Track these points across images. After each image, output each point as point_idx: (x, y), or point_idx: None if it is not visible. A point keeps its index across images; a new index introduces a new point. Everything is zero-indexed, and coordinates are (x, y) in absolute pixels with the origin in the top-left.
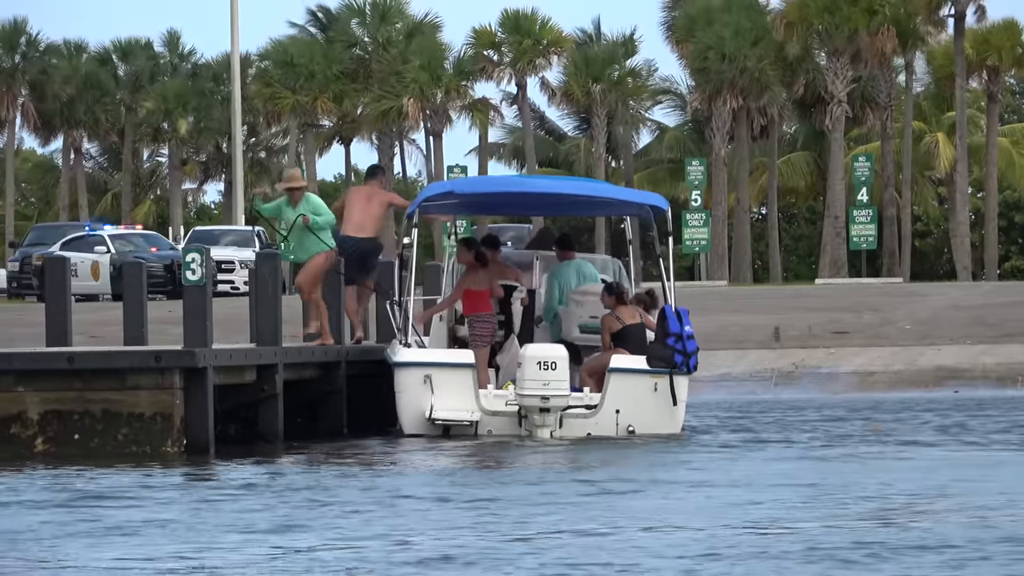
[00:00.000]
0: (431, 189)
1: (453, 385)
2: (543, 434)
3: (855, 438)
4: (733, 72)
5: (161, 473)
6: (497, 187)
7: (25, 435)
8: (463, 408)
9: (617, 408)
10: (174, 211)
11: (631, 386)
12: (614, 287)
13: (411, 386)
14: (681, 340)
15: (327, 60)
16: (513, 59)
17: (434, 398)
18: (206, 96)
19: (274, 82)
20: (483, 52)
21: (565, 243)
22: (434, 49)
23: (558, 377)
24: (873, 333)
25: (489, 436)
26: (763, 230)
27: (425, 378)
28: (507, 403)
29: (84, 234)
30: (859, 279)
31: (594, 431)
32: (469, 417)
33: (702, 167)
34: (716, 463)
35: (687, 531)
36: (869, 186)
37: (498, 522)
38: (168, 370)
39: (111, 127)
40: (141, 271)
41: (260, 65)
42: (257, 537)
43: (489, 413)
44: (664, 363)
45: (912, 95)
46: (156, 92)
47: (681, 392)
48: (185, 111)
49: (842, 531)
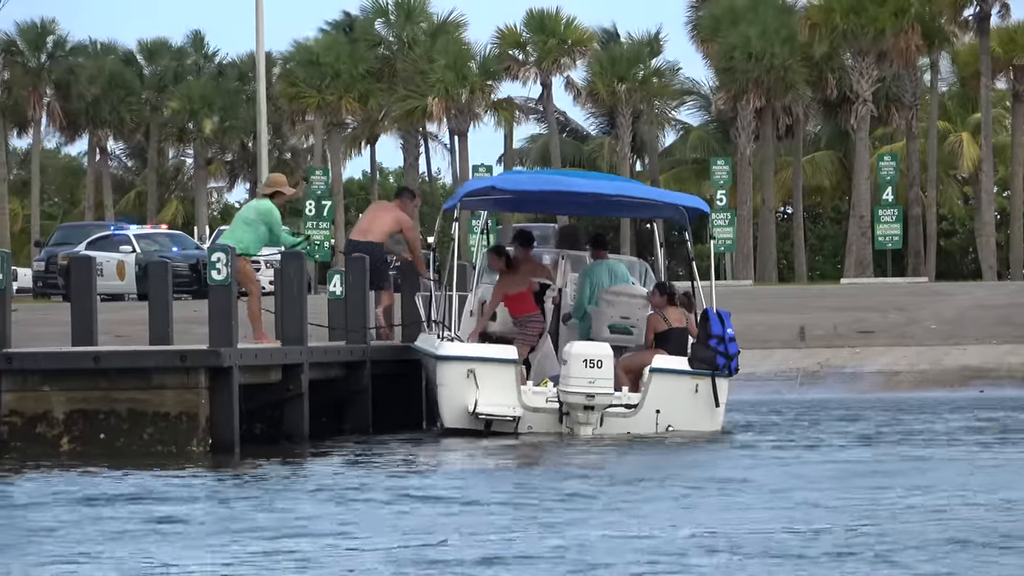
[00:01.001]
0: (472, 184)
1: (496, 380)
2: (585, 432)
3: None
4: (759, 71)
5: (187, 473)
6: (539, 185)
7: (51, 435)
8: (506, 403)
9: (657, 408)
10: (199, 210)
11: (672, 387)
12: (665, 287)
13: (454, 380)
14: (723, 342)
15: (352, 60)
16: (538, 58)
17: (478, 392)
18: (231, 95)
19: (299, 81)
20: (508, 51)
21: (599, 242)
22: (459, 48)
23: (604, 375)
24: (898, 333)
25: (530, 432)
26: (788, 229)
27: (468, 372)
28: (548, 400)
29: (110, 233)
30: (884, 279)
31: (634, 431)
32: (511, 413)
33: (727, 167)
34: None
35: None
36: (894, 186)
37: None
38: (193, 370)
39: (136, 127)
40: (166, 270)
41: (285, 65)
42: (331, 539)
43: (530, 409)
44: (706, 365)
45: (937, 94)
46: (181, 92)
47: (722, 394)
48: (210, 111)
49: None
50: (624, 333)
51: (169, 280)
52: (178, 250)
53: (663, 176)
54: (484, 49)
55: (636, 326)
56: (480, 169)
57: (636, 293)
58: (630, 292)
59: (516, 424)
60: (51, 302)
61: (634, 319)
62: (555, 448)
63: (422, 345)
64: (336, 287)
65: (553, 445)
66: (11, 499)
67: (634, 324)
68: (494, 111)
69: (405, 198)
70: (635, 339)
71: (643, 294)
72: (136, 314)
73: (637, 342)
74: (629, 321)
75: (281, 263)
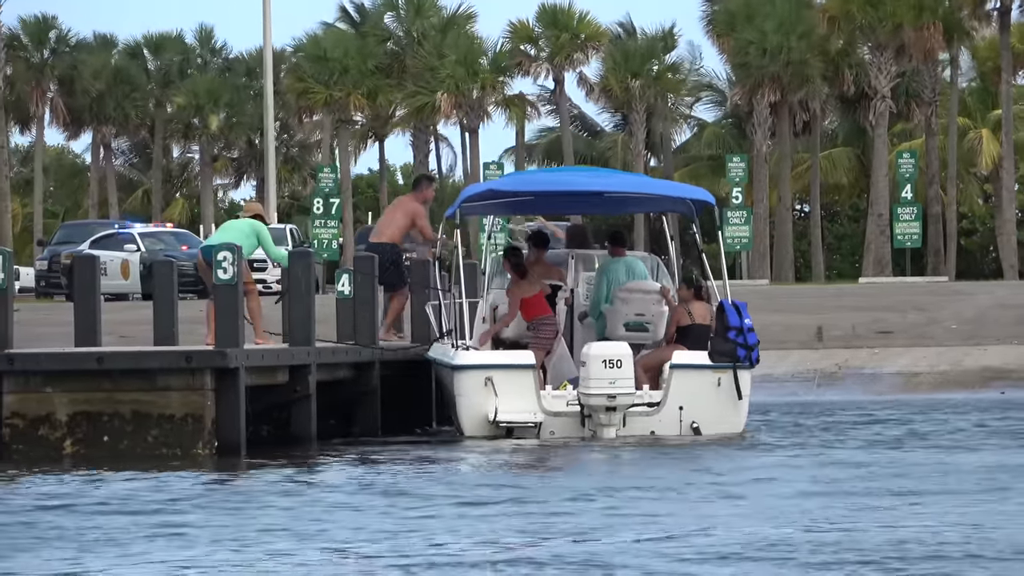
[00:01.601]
0: (471, 189)
1: (515, 386)
2: (608, 434)
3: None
4: (776, 67)
5: (192, 476)
6: (538, 185)
7: (54, 437)
8: (526, 409)
9: (680, 405)
10: (205, 208)
11: (694, 382)
12: (691, 280)
13: (472, 389)
14: (742, 333)
15: (361, 55)
16: (550, 54)
17: (497, 400)
18: (238, 91)
19: (307, 77)
20: (520, 47)
21: (618, 239)
22: (470, 43)
23: (624, 375)
24: (918, 333)
25: (552, 437)
26: (805, 228)
27: (486, 380)
28: (568, 403)
29: (114, 232)
30: (903, 278)
31: (657, 429)
32: (533, 419)
33: (743, 163)
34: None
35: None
36: (913, 183)
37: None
38: (199, 371)
39: (141, 123)
40: (172, 270)
41: (293, 60)
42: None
43: (551, 414)
44: (727, 357)
45: (957, 90)
46: (187, 87)
47: (745, 386)
48: (217, 106)
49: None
50: (640, 330)
51: (174, 279)
52: (184, 249)
53: (678, 173)
54: (495, 44)
55: (651, 323)
56: (491, 167)
57: (650, 289)
58: (644, 288)
59: (538, 430)
60: (54, 302)
61: (649, 316)
62: (571, 451)
63: (437, 355)
64: (344, 287)
65: (570, 448)
66: (12, 503)
67: (649, 321)
68: (505, 108)
69: (423, 187)
70: (651, 336)
71: (657, 289)
72: (140, 314)
73: (653, 339)
74: (644, 318)
75: (289, 262)
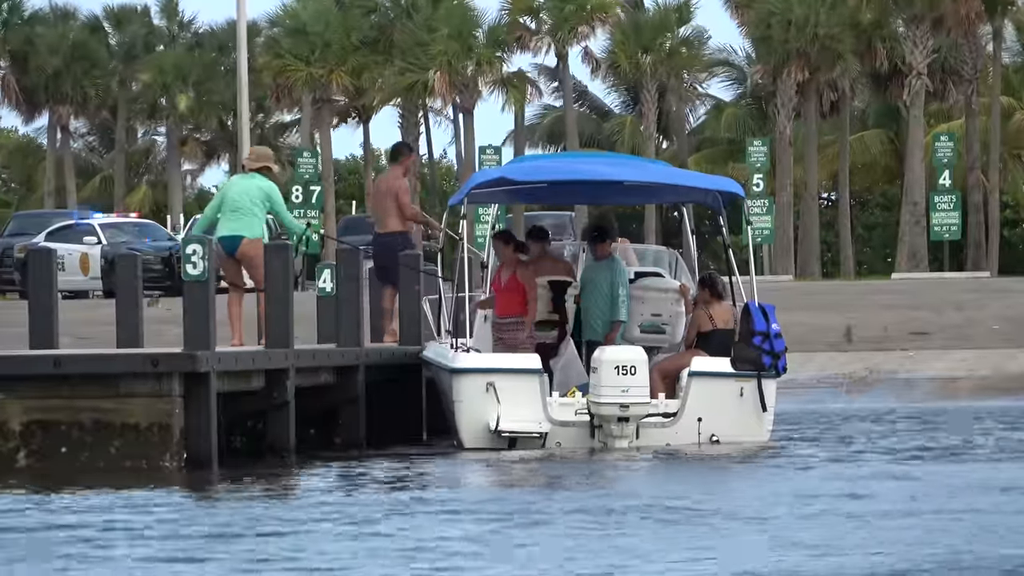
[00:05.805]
0: (480, 176)
1: (519, 393)
2: (621, 445)
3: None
4: (802, 41)
5: (159, 492)
6: (555, 175)
7: (6, 448)
8: (531, 419)
9: (699, 416)
10: (173, 196)
11: (714, 391)
12: (708, 279)
13: (472, 395)
14: (768, 339)
15: (344, 28)
16: (553, 27)
17: (499, 408)
18: (208, 68)
19: (285, 53)
20: (519, 19)
21: (599, 236)
22: (464, 16)
23: (638, 383)
24: (956, 334)
25: (558, 448)
26: (833, 218)
27: (488, 386)
28: (577, 412)
29: (72, 223)
30: (941, 273)
31: (674, 441)
32: (538, 428)
33: (765, 148)
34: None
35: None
36: (952, 169)
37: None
38: (166, 375)
39: (102, 103)
40: (136, 264)
41: (269, 34)
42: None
43: (558, 424)
44: (751, 365)
45: (1000, 66)
46: (153, 63)
47: (770, 397)
48: (185, 85)
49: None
50: (656, 332)
51: (139, 275)
52: (149, 241)
53: (692, 158)
54: (492, 17)
55: (668, 324)
56: (488, 151)
57: (668, 287)
58: (661, 286)
59: (543, 440)
60: (6, 299)
61: (666, 316)
62: (579, 463)
63: (433, 356)
64: (326, 283)
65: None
66: None
67: (666, 322)
68: (503, 87)
69: (403, 158)
70: (668, 338)
71: (675, 287)
72: (102, 313)
73: (671, 341)
74: (661, 319)
75: (265, 257)
